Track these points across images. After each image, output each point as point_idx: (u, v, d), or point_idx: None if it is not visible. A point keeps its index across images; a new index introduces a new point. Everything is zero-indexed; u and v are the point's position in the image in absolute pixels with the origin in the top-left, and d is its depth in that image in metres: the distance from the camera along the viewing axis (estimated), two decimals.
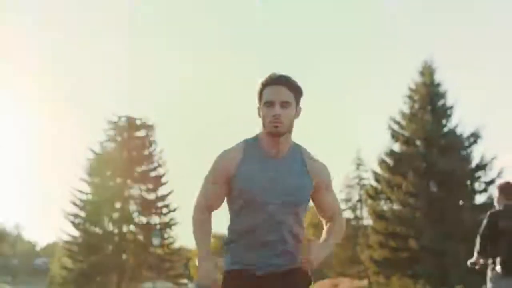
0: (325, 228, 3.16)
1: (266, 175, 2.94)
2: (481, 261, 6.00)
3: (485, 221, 5.97)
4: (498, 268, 5.83)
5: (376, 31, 72.99)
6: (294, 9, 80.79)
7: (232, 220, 3.04)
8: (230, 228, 3.08)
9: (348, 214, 38.67)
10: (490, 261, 5.95)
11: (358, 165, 40.28)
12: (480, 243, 5.96)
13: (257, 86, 3.01)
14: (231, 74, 72.36)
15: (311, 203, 3.07)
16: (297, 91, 2.98)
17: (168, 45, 79.96)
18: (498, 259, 5.83)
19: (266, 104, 2.94)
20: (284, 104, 2.92)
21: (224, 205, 3.09)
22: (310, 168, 3.01)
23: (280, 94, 2.92)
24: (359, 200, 39.17)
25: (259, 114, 3.01)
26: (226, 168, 2.97)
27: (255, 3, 79.29)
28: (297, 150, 3.04)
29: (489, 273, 6.00)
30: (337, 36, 77.47)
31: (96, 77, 75.68)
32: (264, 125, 2.97)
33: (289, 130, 2.98)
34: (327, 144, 66.33)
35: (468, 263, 6.16)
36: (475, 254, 5.99)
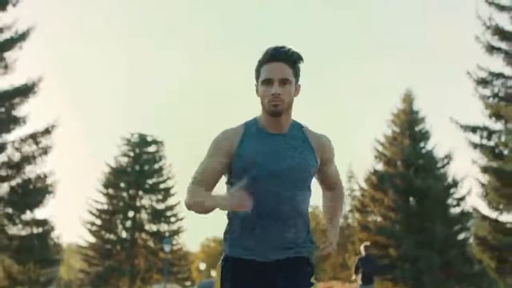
0: (324, 195, 3.27)
1: (266, 150, 2.92)
2: (357, 278, 12.31)
3: (356, 261, 12.35)
4: (360, 282, 12.47)
5: (378, 46, 78.83)
6: (293, 12, 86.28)
7: None
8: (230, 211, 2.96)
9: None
10: (358, 277, 12.31)
11: (350, 177, 46.00)
12: (355, 270, 12.70)
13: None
14: (238, 90, 77.86)
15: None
16: (296, 67, 2.95)
17: (179, 65, 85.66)
18: (359, 276, 12.55)
19: (264, 82, 2.91)
20: (284, 82, 2.89)
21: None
22: (314, 144, 3.01)
23: (279, 71, 2.89)
24: (351, 211, 44.83)
25: (257, 92, 2.98)
26: (227, 145, 2.95)
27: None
28: (298, 126, 3.03)
29: (358, 284, 12.34)
30: (339, 47, 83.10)
31: (112, 96, 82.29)
32: (262, 104, 2.95)
33: (289, 109, 2.96)
34: None
35: (352, 278, 12.64)
36: (354, 275, 12.28)
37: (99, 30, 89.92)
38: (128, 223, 41.48)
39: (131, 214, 41.57)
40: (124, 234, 41.31)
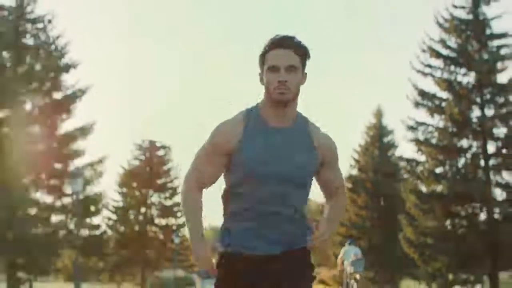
0: (326, 205, 3.42)
1: (269, 147, 3.08)
2: None
3: None
4: None
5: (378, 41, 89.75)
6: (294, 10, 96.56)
7: (230, 194, 3.21)
8: (227, 203, 3.25)
9: None
10: None
11: None
12: None
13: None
14: (240, 89, 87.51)
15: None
16: (303, 55, 3.12)
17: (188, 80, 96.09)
18: None
19: (270, 69, 3.06)
20: (290, 69, 3.05)
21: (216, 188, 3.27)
22: (317, 142, 3.17)
23: (286, 58, 3.04)
24: None
25: (261, 81, 3.13)
26: (225, 140, 3.12)
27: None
28: (303, 121, 3.20)
29: None
30: (340, 40, 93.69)
31: (125, 105, 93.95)
32: (267, 92, 3.10)
33: (295, 98, 3.11)
34: None
35: None
36: None
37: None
38: (140, 218, 50.49)
39: (143, 210, 50.43)
40: (137, 228, 50.16)
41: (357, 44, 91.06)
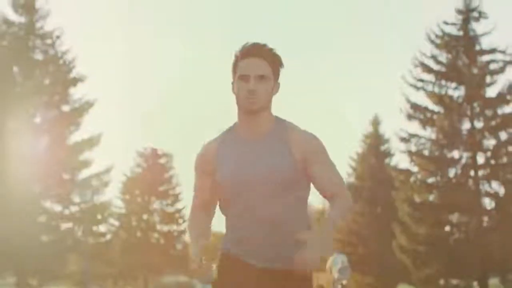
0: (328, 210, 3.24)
1: (239, 161, 3.08)
2: None
3: None
4: None
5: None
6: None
7: (220, 209, 3.26)
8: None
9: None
10: None
11: None
12: None
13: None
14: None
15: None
16: (275, 64, 3.08)
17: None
18: None
19: (240, 78, 3.04)
20: (260, 78, 3.02)
21: None
22: (292, 142, 3.04)
23: (256, 67, 3.02)
24: None
25: (233, 90, 3.11)
26: (205, 162, 3.19)
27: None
28: (280, 127, 3.12)
29: None
30: (338, 39, 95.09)
31: (127, 113, 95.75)
32: (238, 102, 3.09)
33: (266, 107, 3.09)
34: None
35: None
36: None
37: None
38: (143, 225, 52.36)
39: (145, 216, 52.27)
40: (139, 234, 52.07)
41: (357, 48, 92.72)
